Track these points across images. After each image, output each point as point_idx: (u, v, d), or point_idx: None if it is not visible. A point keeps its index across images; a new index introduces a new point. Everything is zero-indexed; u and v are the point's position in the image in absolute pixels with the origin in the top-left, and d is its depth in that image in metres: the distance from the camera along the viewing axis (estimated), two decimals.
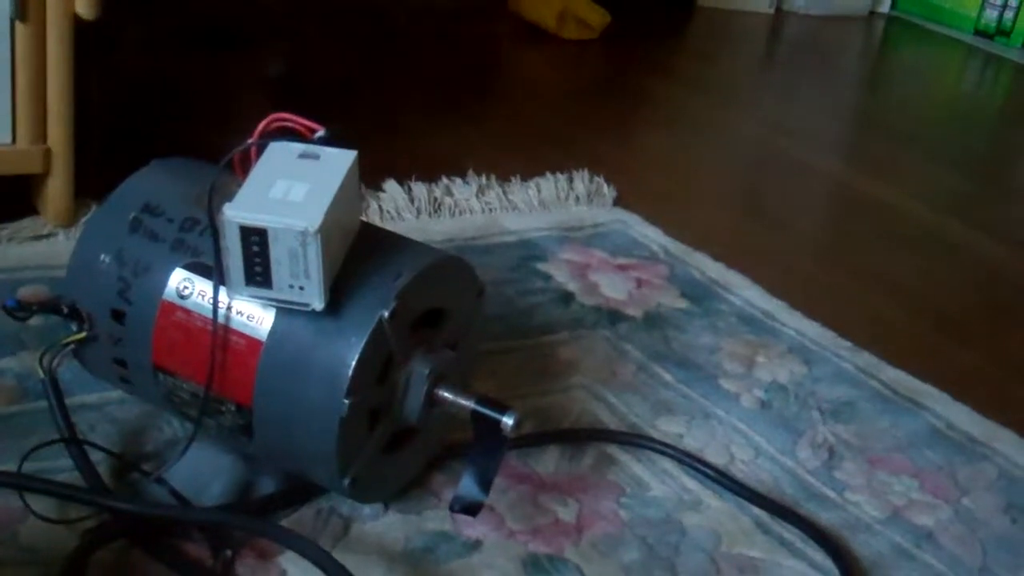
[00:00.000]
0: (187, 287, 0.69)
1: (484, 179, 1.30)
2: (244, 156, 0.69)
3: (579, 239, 1.21)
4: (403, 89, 1.66)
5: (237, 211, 0.63)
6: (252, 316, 0.68)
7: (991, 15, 2.53)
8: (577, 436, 0.86)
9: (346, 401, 0.66)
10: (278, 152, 0.68)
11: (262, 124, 0.69)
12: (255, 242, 0.63)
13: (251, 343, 0.68)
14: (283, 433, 0.69)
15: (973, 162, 1.81)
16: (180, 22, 1.79)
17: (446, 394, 0.72)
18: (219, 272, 0.67)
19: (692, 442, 0.88)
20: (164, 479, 0.71)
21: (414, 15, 2.04)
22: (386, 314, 0.66)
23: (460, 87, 1.73)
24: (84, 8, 0.97)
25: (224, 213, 0.63)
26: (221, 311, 0.68)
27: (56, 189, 1.03)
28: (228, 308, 0.68)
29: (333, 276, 0.66)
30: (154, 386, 0.72)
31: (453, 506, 0.71)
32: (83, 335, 0.72)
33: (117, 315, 0.71)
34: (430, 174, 1.27)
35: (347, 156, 0.68)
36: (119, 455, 0.75)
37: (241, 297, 0.67)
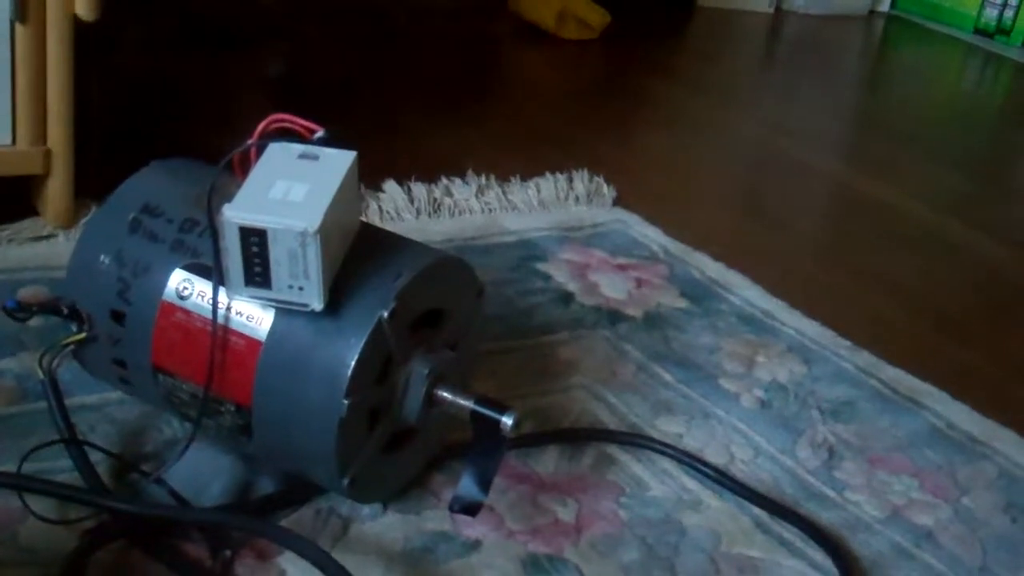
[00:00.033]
0: (187, 288, 0.69)
1: (484, 179, 1.30)
2: (244, 157, 0.69)
3: (579, 239, 1.21)
4: (403, 89, 1.66)
5: (236, 212, 0.63)
6: (251, 316, 0.68)
7: (991, 14, 2.53)
8: (577, 436, 0.86)
9: (345, 401, 0.66)
10: (277, 153, 0.68)
11: (261, 125, 0.69)
12: (254, 243, 0.63)
13: (250, 343, 0.68)
14: (282, 433, 0.69)
15: (973, 162, 1.81)
16: (180, 22, 1.79)
17: (445, 394, 0.72)
18: (218, 273, 0.67)
19: (692, 442, 0.88)
20: (163, 479, 0.71)
21: (414, 15, 2.04)
22: (385, 314, 0.66)
23: (460, 87, 1.73)
24: (84, 9, 0.97)
25: (223, 214, 0.63)
26: (220, 311, 0.68)
27: (56, 190, 1.03)
28: (227, 308, 0.68)
29: (332, 276, 0.66)
30: (153, 387, 0.72)
31: (452, 506, 0.71)
32: (83, 336, 0.72)
33: (117, 316, 0.71)
34: (430, 174, 1.27)
35: (347, 156, 0.68)
36: (118, 456, 0.75)
37: (240, 298, 0.67)
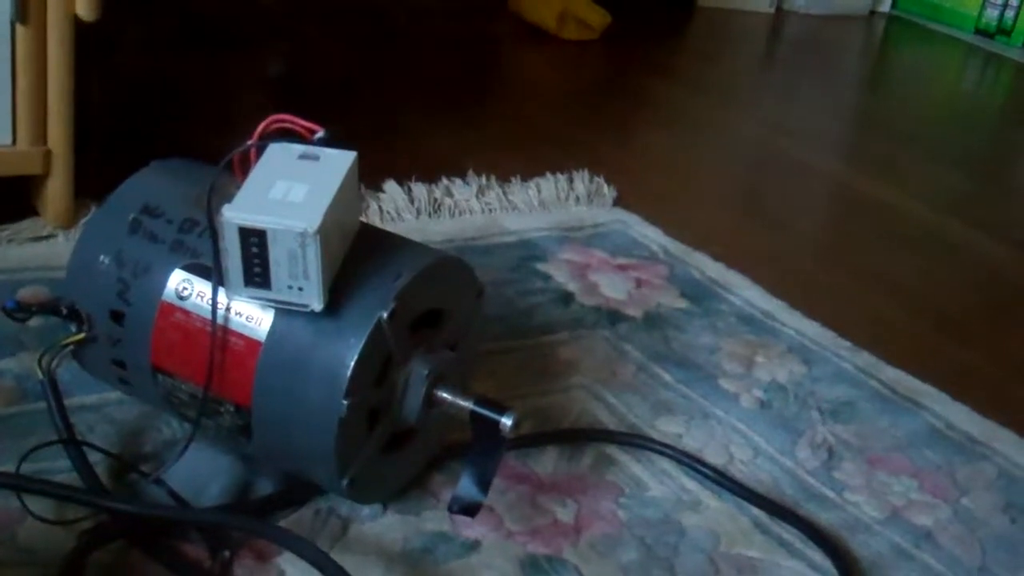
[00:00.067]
0: (186, 288, 0.69)
1: (484, 179, 1.29)
2: (243, 157, 0.69)
3: (579, 239, 1.21)
4: (403, 89, 1.66)
5: (236, 212, 0.63)
6: (251, 317, 0.68)
7: (992, 14, 2.53)
8: (576, 436, 0.86)
9: (345, 402, 0.66)
10: (277, 153, 0.68)
11: (261, 125, 0.69)
12: (254, 243, 0.63)
13: (250, 344, 0.68)
14: (282, 434, 0.69)
15: (973, 162, 1.81)
16: (180, 22, 1.79)
17: (445, 395, 0.72)
18: (218, 273, 0.67)
19: (691, 442, 0.88)
20: (162, 480, 0.71)
21: (414, 15, 2.04)
22: (385, 315, 0.66)
23: (460, 87, 1.73)
24: (84, 10, 0.97)
25: (223, 214, 0.63)
26: (220, 312, 0.68)
27: (56, 190, 1.03)
28: (227, 309, 0.68)
29: (332, 277, 0.66)
30: (153, 387, 0.72)
31: (452, 507, 0.71)
32: (82, 336, 0.72)
33: (116, 316, 0.71)
34: (430, 175, 1.27)
35: (346, 157, 0.68)
36: (118, 456, 0.75)
37: (240, 298, 0.67)
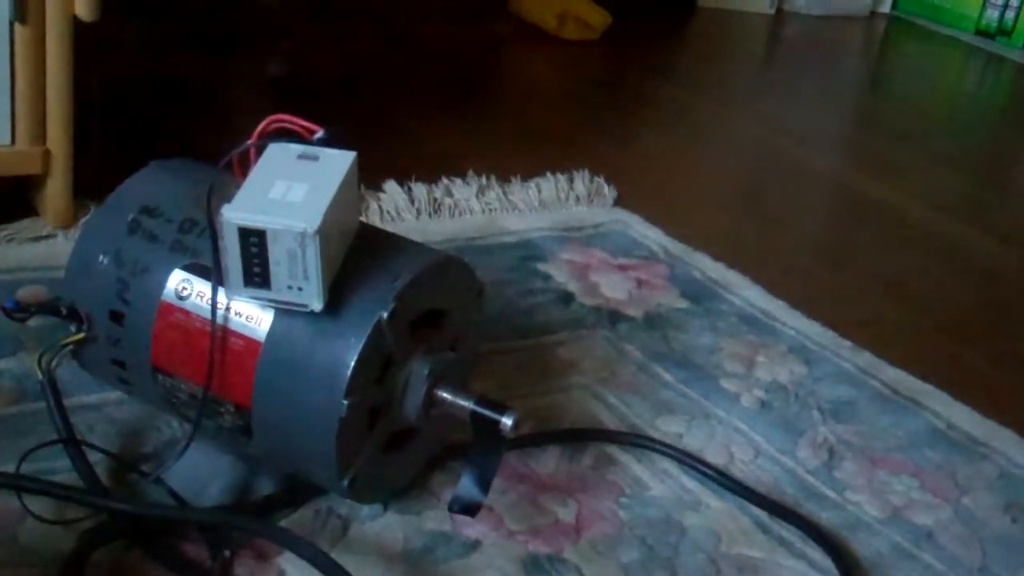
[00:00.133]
0: (186, 288, 0.69)
1: (484, 179, 1.29)
2: (243, 157, 0.69)
3: (579, 239, 1.21)
4: (403, 89, 1.66)
5: (236, 212, 0.63)
6: (251, 317, 0.68)
7: (992, 15, 2.52)
8: (577, 436, 0.86)
9: (345, 402, 0.66)
10: (277, 153, 0.68)
11: (261, 125, 0.69)
12: (254, 243, 0.63)
13: (250, 344, 0.68)
14: (282, 434, 0.69)
15: (973, 162, 1.81)
16: (180, 22, 1.79)
17: (445, 394, 0.72)
18: (218, 273, 0.67)
19: (692, 442, 0.88)
20: (163, 480, 0.71)
21: (414, 15, 2.04)
22: (385, 315, 0.66)
23: (461, 87, 1.73)
24: (84, 10, 0.97)
25: (223, 214, 0.63)
26: (220, 312, 0.68)
27: (55, 190, 1.03)
28: (227, 309, 0.68)
29: (332, 277, 0.66)
30: (153, 387, 0.72)
31: (452, 506, 0.71)
32: (82, 336, 0.72)
33: (116, 316, 0.71)
34: (430, 174, 1.27)
35: (346, 157, 0.68)
36: (117, 456, 0.75)
37: (240, 298, 0.67)
